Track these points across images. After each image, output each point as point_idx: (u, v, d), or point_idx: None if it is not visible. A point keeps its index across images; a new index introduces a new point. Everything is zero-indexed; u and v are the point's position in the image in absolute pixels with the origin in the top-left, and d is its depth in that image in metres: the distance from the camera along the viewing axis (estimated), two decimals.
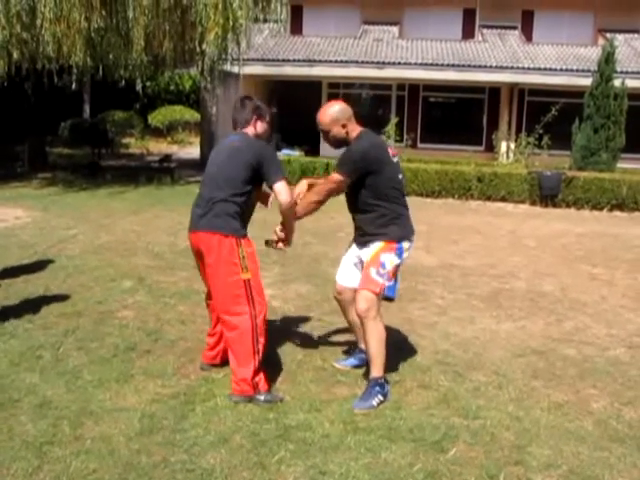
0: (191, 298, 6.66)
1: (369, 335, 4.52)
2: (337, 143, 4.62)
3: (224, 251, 4.36)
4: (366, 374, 4.73)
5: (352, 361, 5.11)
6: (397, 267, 4.62)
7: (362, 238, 4.69)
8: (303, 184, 4.79)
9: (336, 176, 4.50)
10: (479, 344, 5.82)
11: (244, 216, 4.51)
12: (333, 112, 4.56)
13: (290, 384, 4.73)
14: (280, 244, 4.74)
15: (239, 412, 4.25)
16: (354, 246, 4.84)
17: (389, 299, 4.74)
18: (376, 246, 4.57)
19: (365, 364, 4.84)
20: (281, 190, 4.40)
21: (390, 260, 4.54)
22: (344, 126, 4.55)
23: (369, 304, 4.48)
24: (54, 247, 9.05)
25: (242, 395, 4.39)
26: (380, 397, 4.47)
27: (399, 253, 4.59)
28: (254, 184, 4.50)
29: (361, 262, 4.73)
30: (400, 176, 4.63)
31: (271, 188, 4.49)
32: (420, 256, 9.40)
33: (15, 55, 14.36)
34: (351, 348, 5.33)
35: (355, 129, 4.59)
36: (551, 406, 4.57)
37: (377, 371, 4.53)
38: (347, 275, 4.87)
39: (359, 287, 4.59)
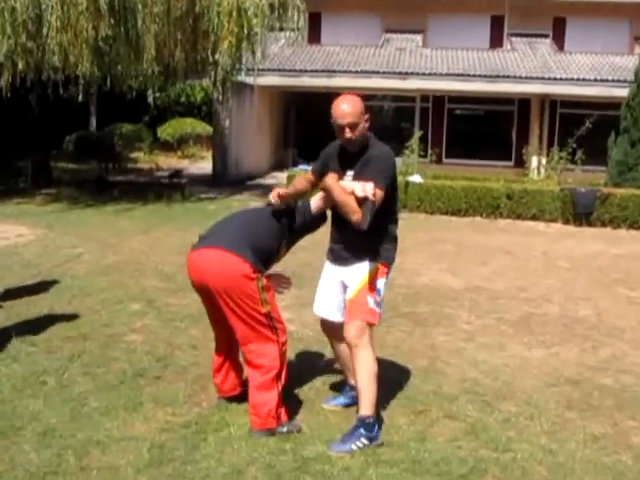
0: (203, 322, 6.64)
1: (358, 366, 4.31)
2: (360, 141, 4.28)
3: (240, 277, 4.22)
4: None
5: (342, 400, 4.88)
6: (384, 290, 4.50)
7: (345, 253, 4.43)
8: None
9: (378, 192, 4.12)
10: (509, 372, 5.80)
11: (269, 260, 4.49)
12: (360, 103, 4.24)
13: (308, 413, 4.73)
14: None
15: (254, 443, 4.25)
16: (331, 265, 4.60)
17: None
18: (368, 268, 4.34)
19: (357, 403, 4.49)
20: None
21: (383, 285, 4.41)
22: (367, 120, 4.26)
23: (360, 331, 4.30)
24: (59, 267, 9.13)
25: (265, 429, 4.33)
26: (364, 440, 4.22)
27: (388, 276, 4.48)
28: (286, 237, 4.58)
29: (343, 286, 4.49)
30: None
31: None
32: (446, 278, 9.39)
33: (20, 65, 14.53)
34: (341, 384, 5.14)
35: (367, 130, 4.33)
36: (587, 439, 4.54)
37: (365, 408, 4.30)
38: (327, 305, 4.65)
39: (353, 317, 4.34)
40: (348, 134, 4.21)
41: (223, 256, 4.25)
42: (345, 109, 4.20)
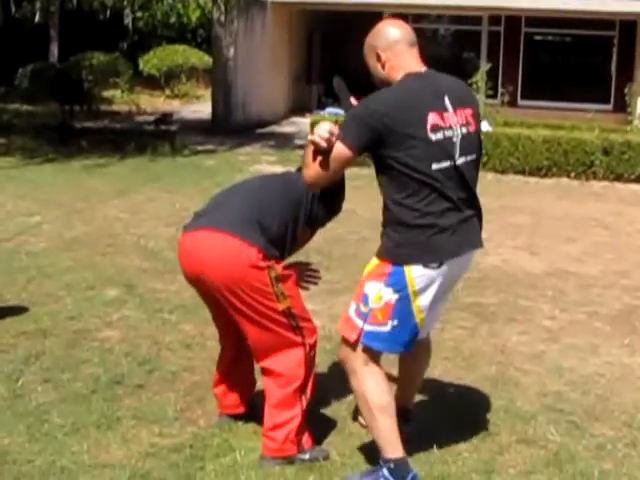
0: (199, 313, 6.67)
1: (355, 397, 4.33)
2: (377, 82, 4.30)
3: (246, 267, 4.19)
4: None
5: None
6: (398, 305, 4.09)
7: None
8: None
9: (339, 147, 4.02)
10: (605, 384, 5.78)
11: (284, 243, 4.44)
12: (370, 36, 4.29)
13: (338, 435, 4.75)
14: None
15: (266, 473, 4.27)
16: None
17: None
18: (369, 266, 4.25)
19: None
20: None
21: (376, 293, 4.10)
22: (379, 58, 4.19)
23: (346, 349, 4.25)
24: (10, 241, 9.20)
25: (280, 456, 4.34)
26: None
27: (394, 283, 4.06)
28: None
29: None
30: (441, 165, 4.02)
31: None
32: (522, 259, 9.36)
33: None
34: None
35: (401, 68, 4.16)
36: None
37: (383, 450, 4.15)
38: None
39: (340, 328, 4.42)
40: None
41: (224, 240, 4.23)
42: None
